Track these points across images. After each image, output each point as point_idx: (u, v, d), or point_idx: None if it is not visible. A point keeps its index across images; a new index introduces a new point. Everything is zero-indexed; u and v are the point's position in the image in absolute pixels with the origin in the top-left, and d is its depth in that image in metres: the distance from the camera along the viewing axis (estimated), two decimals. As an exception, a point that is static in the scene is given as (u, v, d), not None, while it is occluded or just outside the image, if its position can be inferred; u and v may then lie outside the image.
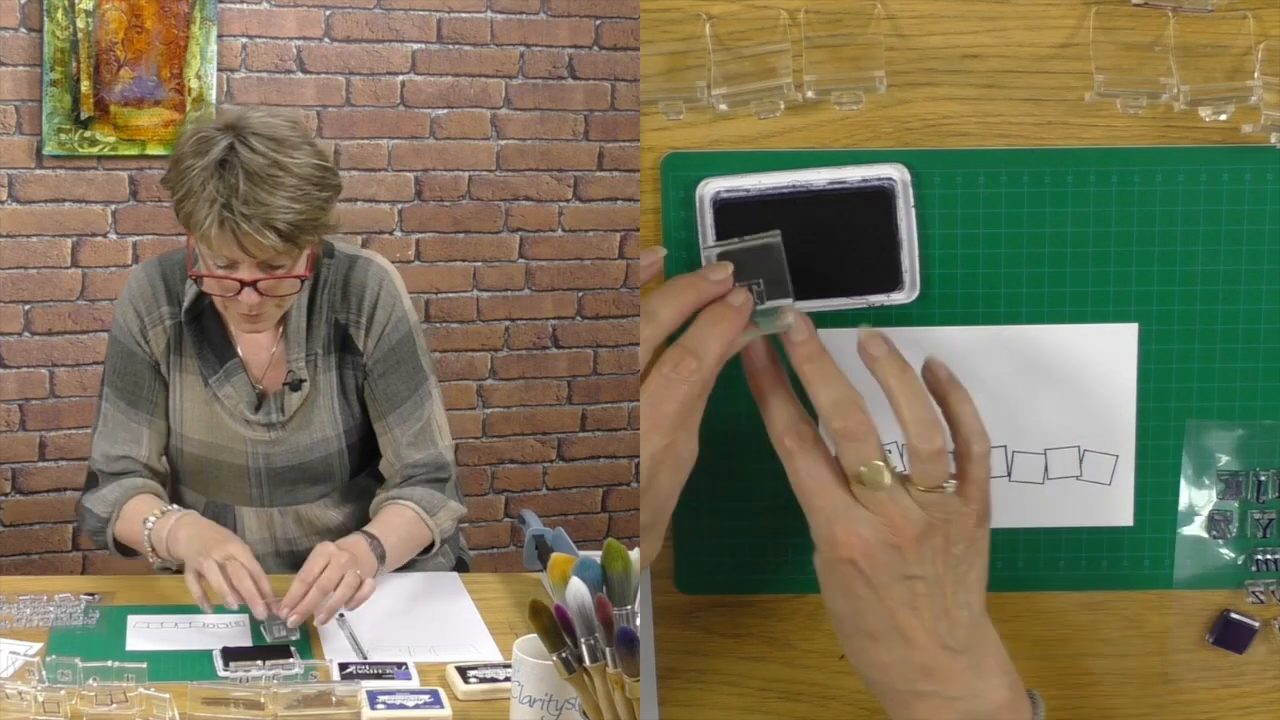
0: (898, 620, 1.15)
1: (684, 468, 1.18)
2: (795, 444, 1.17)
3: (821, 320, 1.26)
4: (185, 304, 2.00)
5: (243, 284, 1.88)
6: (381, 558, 1.94)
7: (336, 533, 2.10)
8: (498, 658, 1.82)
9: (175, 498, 2.15)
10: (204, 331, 2.02)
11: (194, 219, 1.84)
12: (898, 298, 1.26)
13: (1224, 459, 1.29)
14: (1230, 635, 1.31)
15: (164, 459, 2.11)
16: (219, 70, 3.34)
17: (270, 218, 1.82)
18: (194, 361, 2.04)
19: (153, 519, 1.96)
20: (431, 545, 2.07)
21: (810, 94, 1.24)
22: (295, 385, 2.02)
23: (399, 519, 2.03)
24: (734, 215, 1.24)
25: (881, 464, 1.15)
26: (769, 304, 1.20)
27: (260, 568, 1.85)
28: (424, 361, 2.08)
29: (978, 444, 1.17)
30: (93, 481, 2.08)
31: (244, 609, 1.90)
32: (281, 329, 2.02)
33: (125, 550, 2.05)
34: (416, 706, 1.64)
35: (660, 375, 1.15)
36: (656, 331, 1.16)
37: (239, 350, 2.03)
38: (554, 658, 1.40)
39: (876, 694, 1.20)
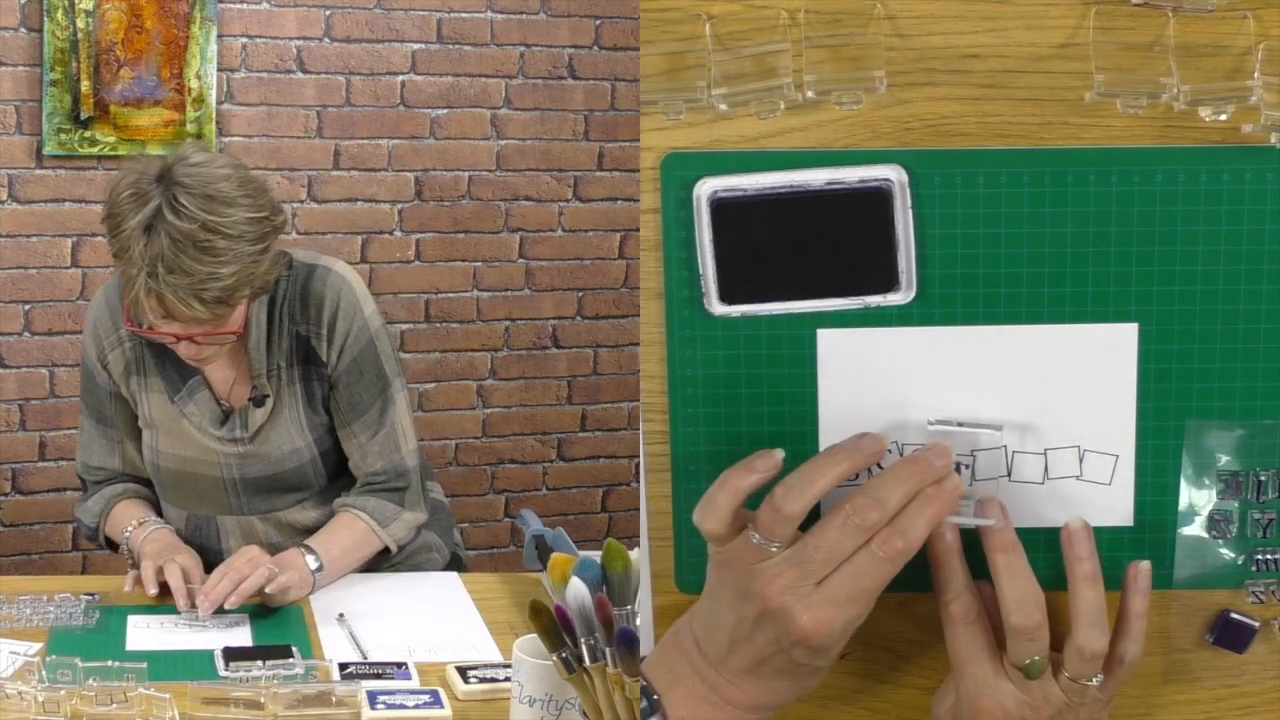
0: None
1: (864, 617, 1.19)
2: (960, 614, 1.21)
3: (819, 320, 1.26)
4: None
5: (178, 338, 1.89)
6: (319, 569, 1.99)
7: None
8: (498, 658, 1.82)
9: (159, 512, 2.18)
10: (165, 351, 2.03)
11: (126, 275, 1.84)
12: (894, 298, 1.26)
13: (1224, 459, 1.29)
14: (1230, 635, 1.30)
15: (140, 464, 2.16)
16: (219, 70, 3.34)
17: (197, 288, 1.80)
18: (158, 380, 2.05)
19: (129, 528, 2.05)
20: (388, 550, 2.11)
21: (810, 94, 1.24)
22: (259, 401, 2.03)
23: (346, 531, 2.06)
24: (731, 215, 1.24)
25: (1046, 660, 1.20)
26: (973, 493, 1.22)
27: (197, 570, 1.94)
28: (388, 367, 2.08)
29: (1134, 650, 1.22)
30: (83, 487, 2.17)
31: (244, 609, 1.91)
32: (243, 344, 2.02)
33: (118, 548, 2.13)
34: (416, 706, 1.64)
35: (868, 552, 1.15)
36: (882, 517, 1.15)
37: (200, 368, 2.04)
38: (554, 658, 1.40)
39: None
